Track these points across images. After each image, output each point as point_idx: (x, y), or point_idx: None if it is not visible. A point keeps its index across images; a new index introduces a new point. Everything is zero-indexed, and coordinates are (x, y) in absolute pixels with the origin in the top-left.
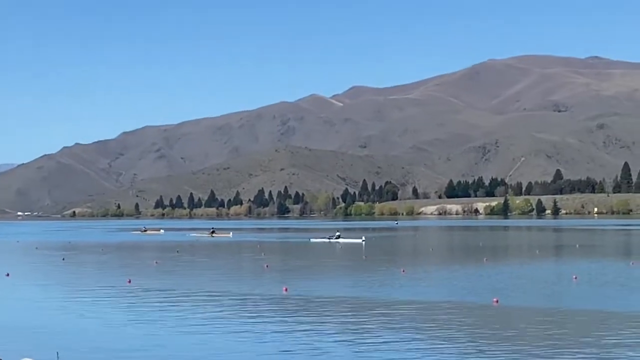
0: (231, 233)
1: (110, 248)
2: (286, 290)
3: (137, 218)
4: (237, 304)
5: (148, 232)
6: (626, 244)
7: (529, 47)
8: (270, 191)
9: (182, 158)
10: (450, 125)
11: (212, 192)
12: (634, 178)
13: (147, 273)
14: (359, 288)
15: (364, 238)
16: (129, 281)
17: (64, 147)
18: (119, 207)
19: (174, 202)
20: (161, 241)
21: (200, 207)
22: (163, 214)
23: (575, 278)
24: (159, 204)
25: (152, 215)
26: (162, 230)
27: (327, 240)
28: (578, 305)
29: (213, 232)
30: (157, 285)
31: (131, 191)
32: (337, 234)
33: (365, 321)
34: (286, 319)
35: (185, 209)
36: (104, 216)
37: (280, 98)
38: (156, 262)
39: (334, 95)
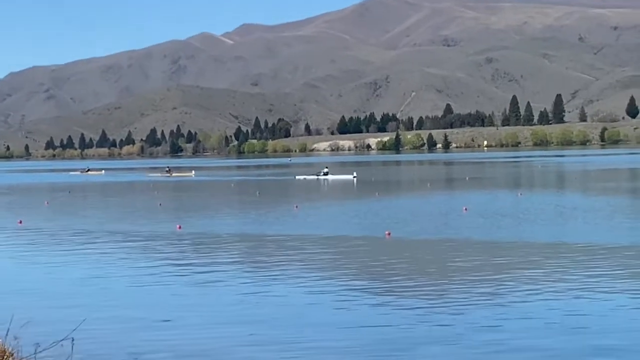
0: (193, 172)
1: None
2: (180, 227)
3: (28, 159)
4: (128, 243)
5: (90, 172)
6: (515, 176)
7: None
8: (162, 130)
9: (71, 98)
10: (341, 62)
11: (103, 132)
12: (522, 111)
13: (38, 214)
14: (252, 225)
15: (355, 174)
16: (20, 222)
17: None
18: (8, 148)
19: (65, 142)
20: (53, 182)
21: (91, 147)
22: (54, 155)
23: (466, 209)
24: (50, 145)
25: (43, 156)
26: (103, 171)
27: (315, 177)
28: (468, 235)
29: (169, 171)
30: (49, 226)
31: (20, 132)
32: (325, 170)
33: (258, 256)
34: (179, 255)
35: (76, 149)
36: None
37: (170, 36)
38: (47, 203)
39: (224, 33)
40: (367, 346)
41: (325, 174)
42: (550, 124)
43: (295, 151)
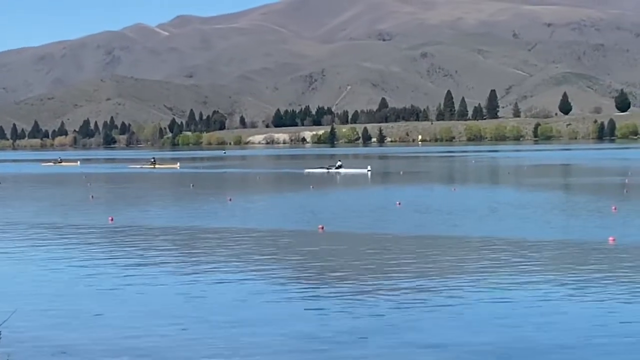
0: (178, 164)
1: None
2: (112, 220)
3: None
4: (58, 235)
5: (63, 163)
6: (449, 171)
7: None
8: (95, 122)
9: (3, 88)
10: (277, 55)
11: (35, 122)
12: (457, 106)
13: None
14: (185, 217)
15: (369, 168)
16: None
17: None
18: None
19: None
20: None
21: (23, 138)
22: None
23: (399, 204)
24: None
25: None
26: (79, 162)
27: (326, 171)
28: (402, 230)
29: (153, 162)
30: None
31: None
32: (339, 163)
33: (190, 249)
34: (111, 248)
35: (8, 140)
36: None
37: (104, 27)
38: None
39: (159, 25)
40: (298, 342)
41: (338, 167)
42: (485, 119)
43: (230, 144)
